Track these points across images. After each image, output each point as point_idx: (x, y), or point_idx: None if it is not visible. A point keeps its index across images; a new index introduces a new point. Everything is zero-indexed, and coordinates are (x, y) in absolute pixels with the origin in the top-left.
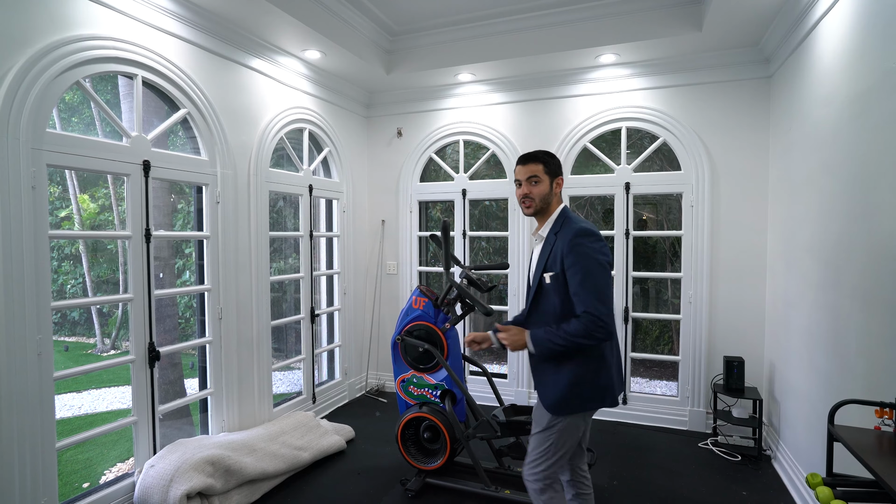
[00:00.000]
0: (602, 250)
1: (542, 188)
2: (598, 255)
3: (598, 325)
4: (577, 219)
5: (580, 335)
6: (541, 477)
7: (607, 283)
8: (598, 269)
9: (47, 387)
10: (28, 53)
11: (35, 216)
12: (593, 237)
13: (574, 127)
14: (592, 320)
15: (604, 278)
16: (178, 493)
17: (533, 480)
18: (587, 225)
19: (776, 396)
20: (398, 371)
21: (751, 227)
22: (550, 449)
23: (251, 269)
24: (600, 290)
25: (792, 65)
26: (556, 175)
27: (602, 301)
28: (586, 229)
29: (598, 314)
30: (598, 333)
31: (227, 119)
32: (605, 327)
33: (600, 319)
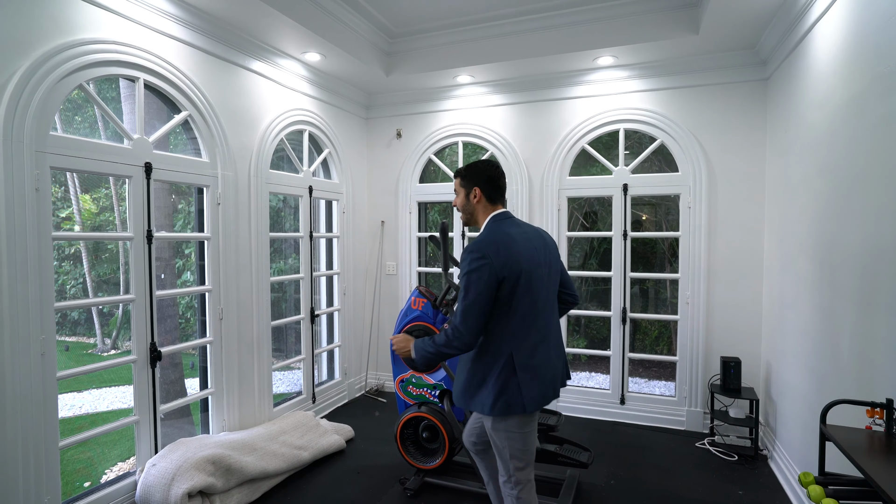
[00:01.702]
0: (478, 267)
1: (460, 199)
2: (471, 273)
3: (454, 338)
4: (488, 230)
5: (442, 345)
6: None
7: (473, 300)
8: (469, 285)
9: (51, 386)
10: (32, 57)
11: (38, 218)
12: (475, 253)
13: (572, 129)
14: (451, 333)
15: (471, 294)
16: (179, 492)
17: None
18: (481, 238)
19: (772, 396)
20: (397, 371)
21: (747, 228)
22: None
23: (252, 270)
24: (464, 305)
25: (788, 67)
26: (472, 186)
27: (463, 316)
28: (470, 245)
29: (455, 328)
30: (453, 343)
31: (228, 121)
32: (458, 341)
33: (456, 334)
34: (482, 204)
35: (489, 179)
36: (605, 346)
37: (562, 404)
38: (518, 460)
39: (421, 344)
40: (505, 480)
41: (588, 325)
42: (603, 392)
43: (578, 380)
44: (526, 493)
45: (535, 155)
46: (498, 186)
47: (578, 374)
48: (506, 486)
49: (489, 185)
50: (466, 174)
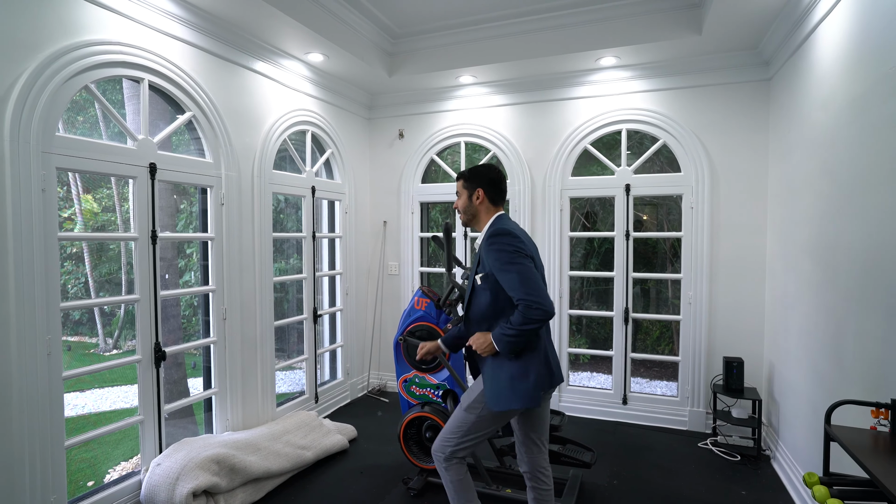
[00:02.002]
0: (512, 243)
1: (462, 201)
2: (510, 249)
3: (532, 308)
4: (502, 223)
5: (522, 322)
6: (447, 454)
7: (527, 269)
8: (514, 259)
9: (56, 386)
10: (39, 58)
11: (45, 219)
12: (504, 235)
13: (575, 129)
14: (526, 305)
15: (521, 265)
16: (184, 491)
17: (440, 453)
18: (505, 226)
19: (775, 397)
20: (400, 371)
21: (750, 229)
22: (463, 430)
23: (255, 270)
24: (521, 275)
25: (791, 68)
26: (475, 188)
27: (525, 285)
28: (500, 229)
29: (528, 298)
30: (534, 315)
31: (232, 122)
32: (538, 307)
33: (532, 301)
34: (485, 206)
35: (492, 182)
36: (607, 347)
37: (564, 404)
38: (476, 440)
39: (499, 333)
40: (446, 455)
41: (589, 325)
42: (605, 392)
43: (580, 380)
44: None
45: (537, 155)
46: (500, 189)
47: (580, 374)
48: (438, 457)
49: (492, 187)
50: (470, 176)
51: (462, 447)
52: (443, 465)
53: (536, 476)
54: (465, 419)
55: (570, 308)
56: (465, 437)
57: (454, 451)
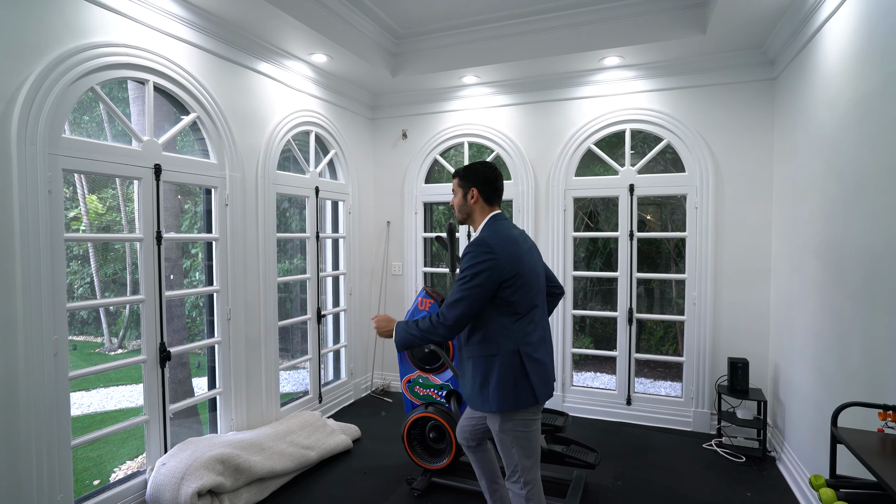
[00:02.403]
0: (484, 260)
1: (457, 199)
2: (476, 264)
3: (438, 325)
4: (493, 228)
5: (424, 330)
6: (522, 484)
7: (469, 290)
8: (470, 275)
9: (63, 386)
10: (45, 61)
11: (51, 219)
12: (483, 247)
13: (578, 129)
14: (435, 319)
15: (469, 284)
16: (189, 491)
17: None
18: (489, 234)
19: (781, 398)
20: (404, 371)
21: (755, 229)
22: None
23: (259, 270)
24: (459, 293)
25: (797, 67)
26: (469, 187)
27: (453, 304)
28: (480, 238)
29: (441, 315)
30: (437, 330)
31: (236, 122)
32: (443, 328)
33: (441, 323)
34: (479, 205)
35: (487, 181)
36: (610, 347)
37: (567, 405)
38: (526, 459)
39: (404, 326)
40: (514, 481)
41: (592, 325)
42: (609, 392)
43: (583, 380)
44: (535, 492)
45: (540, 155)
46: (495, 188)
47: (583, 374)
48: (514, 486)
49: (487, 186)
50: (465, 174)
51: (527, 466)
52: (523, 494)
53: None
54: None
55: (573, 308)
56: (522, 454)
57: (526, 477)
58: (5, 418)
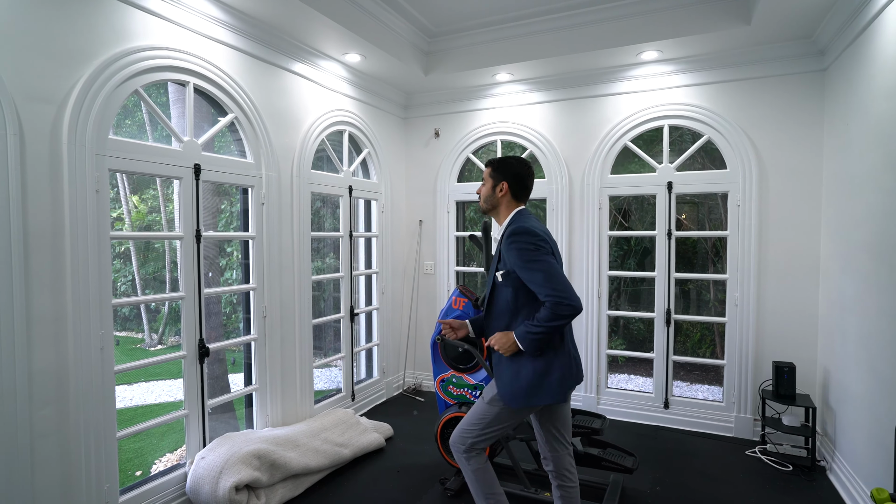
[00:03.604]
0: (533, 241)
1: (485, 189)
2: (531, 247)
3: (562, 304)
4: (522, 219)
5: (550, 319)
6: (468, 446)
7: (551, 266)
8: (537, 256)
9: (109, 379)
10: (93, 65)
11: (98, 218)
12: (526, 233)
13: (614, 126)
14: (555, 301)
15: (545, 262)
16: (227, 485)
17: (459, 444)
18: (525, 223)
19: (831, 404)
20: (437, 371)
21: (802, 227)
22: (485, 422)
23: (294, 269)
24: (546, 273)
25: (850, 57)
26: (500, 180)
27: (551, 281)
28: (520, 227)
29: (556, 295)
30: (563, 311)
31: (272, 122)
32: (566, 303)
33: (561, 298)
34: (506, 199)
35: (518, 177)
36: (643, 349)
37: (602, 407)
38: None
39: (523, 331)
40: (466, 447)
41: (626, 326)
42: (645, 395)
43: (617, 382)
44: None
45: (575, 153)
46: (525, 186)
47: (617, 376)
48: (460, 444)
49: (517, 182)
50: (498, 166)
51: (482, 439)
52: (462, 456)
53: (562, 474)
54: (487, 411)
55: (608, 309)
56: (486, 429)
57: (474, 442)
58: (57, 410)
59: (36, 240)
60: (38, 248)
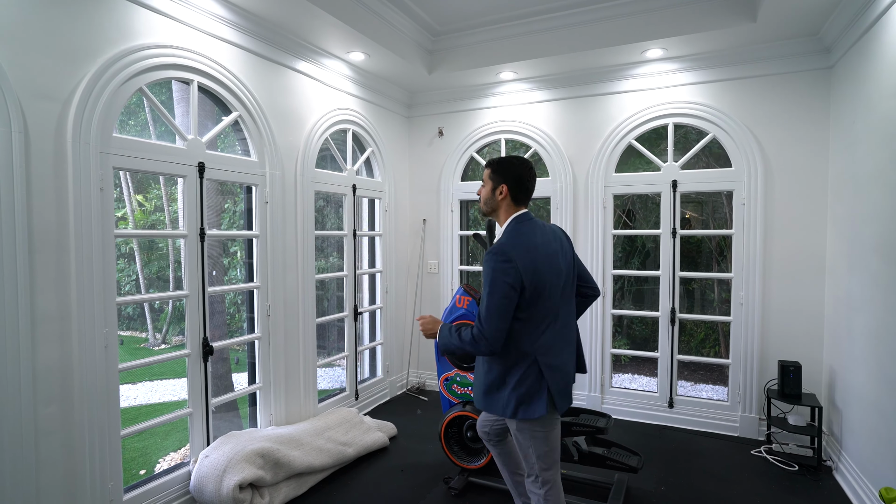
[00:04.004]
0: (503, 269)
1: (485, 191)
2: (496, 274)
3: (480, 339)
4: (515, 232)
5: (466, 343)
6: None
7: (498, 303)
8: (494, 287)
9: (113, 378)
10: (98, 63)
11: (103, 216)
12: (501, 256)
13: (618, 124)
14: (476, 334)
15: (496, 297)
16: (231, 483)
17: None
18: (509, 240)
19: (837, 404)
20: (442, 370)
21: (808, 226)
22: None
23: (298, 268)
24: (489, 307)
25: (856, 54)
26: (500, 182)
27: (488, 318)
28: (498, 247)
29: (480, 330)
30: (478, 346)
31: (276, 121)
32: (485, 343)
33: (482, 336)
34: (506, 202)
35: (518, 180)
36: (648, 348)
37: (606, 406)
38: (543, 461)
39: (447, 332)
40: (532, 480)
41: (629, 326)
42: (650, 395)
43: (622, 382)
44: (553, 493)
45: (579, 151)
46: (526, 189)
47: (621, 376)
48: (533, 485)
49: (517, 185)
50: (498, 168)
51: (546, 466)
52: (541, 494)
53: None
54: (525, 442)
55: (613, 308)
56: (540, 456)
57: (541, 475)
58: (62, 408)
59: (40, 238)
60: (43, 246)
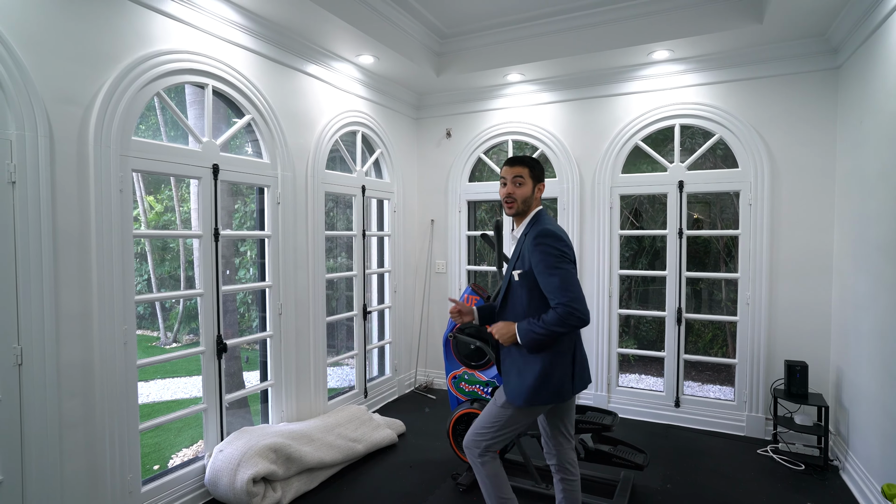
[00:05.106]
0: (558, 247)
1: (525, 190)
2: (557, 252)
3: (570, 314)
4: (546, 221)
5: (556, 324)
6: (482, 448)
7: (571, 275)
8: (560, 263)
9: (131, 374)
10: (118, 68)
11: (122, 217)
12: (553, 237)
13: (625, 125)
14: (565, 310)
15: (566, 271)
16: (245, 477)
17: (474, 447)
18: (551, 226)
19: (844, 404)
20: (450, 368)
21: (814, 226)
22: (498, 425)
23: (308, 267)
24: (565, 281)
25: (864, 55)
26: (539, 180)
27: (568, 291)
28: (547, 230)
29: (568, 303)
30: (571, 321)
31: (287, 123)
32: (577, 314)
33: (571, 307)
34: (538, 201)
35: (544, 179)
36: (655, 347)
37: (613, 405)
38: (506, 437)
39: (527, 326)
40: (481, 450)
41: (636, 326)
42: (656, 394)
43: (629, 381)
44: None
45: (586, 152)
46: None
47: (628, 375)
48: (474, 448)
49: (544, 185)
50: (537, 167)
51: (496, 441)
52: (478, 461)
53: (564, 468)
54: (500, 414)
55: (619, 308)
56: (500, 432)
57: (489, 444)
58: (84, 402)
59: (64, 238)
60: (66, 246)
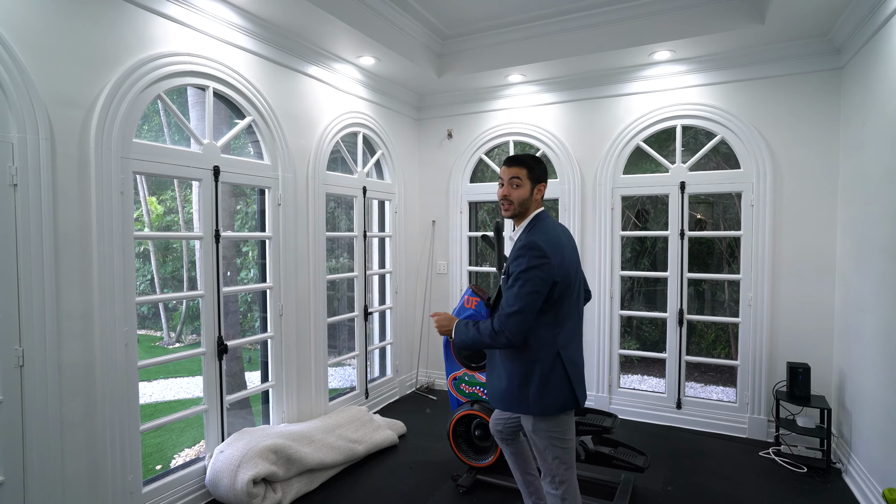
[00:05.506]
0: (539, 265)
1: (522, 192)
2: (531, 269)
3: (501, 331)
4: (542, 227)
5: (486, 335)
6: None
7: (527, 297)
8: (526, 281)
9: (133, 374)
10: (119, 71)
11: (123, 219)
12: (537, 251)
13: (626, 126)
14: (498, 325)
15: (526, 290)
16: (245, 478)
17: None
18: (543, 235)
19: (847, 406)
20: (450, 369)
21: (817, 227)
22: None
23: (309, 268)
24: (518, 300)
25: (867, 55)
26: (538, 181)
27: (514, 312)
28: (534, 242)
29: (503, 322)
30: (499, 339)
31: (288, 125)
32: (505, 334)
33: (503, 328)
34: (538, 202)
35: (546, 178)
36: (657, 349)
37: (614, 406)
38: (561, 461)
39: (464, 328)
40: (549, 481)
41: (639, 327)
42: (657, 395)
43: (630, 383)
44: (570, 492)
45: (587, 153)
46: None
47: (630, 376)
48: (549, 486)
49: (546, 185)
50: (536, 168)
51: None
52: (558, 494)
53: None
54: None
55: (620, 309)
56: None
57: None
58: (85, 403)
59: (65, 240)
60: (67, 247)
